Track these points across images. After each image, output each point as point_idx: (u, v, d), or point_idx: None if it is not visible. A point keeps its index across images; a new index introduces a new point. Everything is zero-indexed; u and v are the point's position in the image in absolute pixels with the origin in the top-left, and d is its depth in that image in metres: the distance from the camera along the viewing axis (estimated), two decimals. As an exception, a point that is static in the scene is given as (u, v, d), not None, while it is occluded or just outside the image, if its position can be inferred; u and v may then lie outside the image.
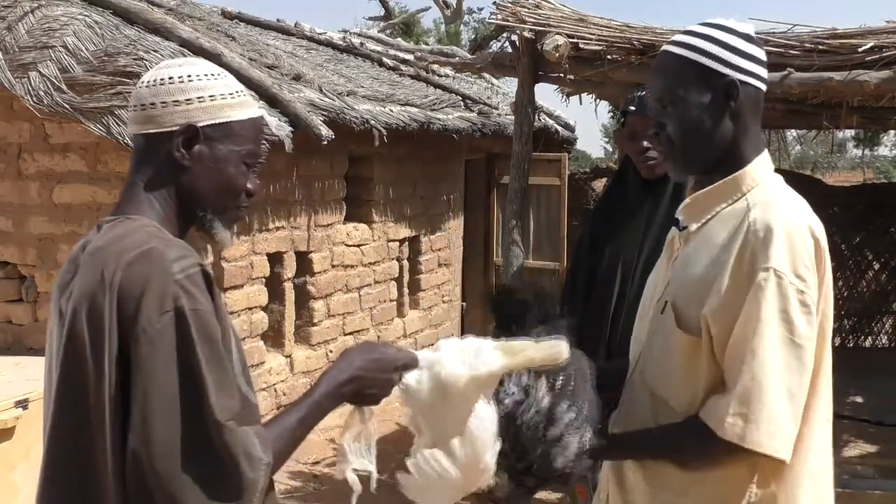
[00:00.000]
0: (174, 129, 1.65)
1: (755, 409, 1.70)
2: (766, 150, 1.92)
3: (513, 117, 5.49)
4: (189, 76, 1.68)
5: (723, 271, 1.76)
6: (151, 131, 1.67)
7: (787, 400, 1.72)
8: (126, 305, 1.49)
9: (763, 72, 1.86)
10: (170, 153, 1.66)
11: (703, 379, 1.80)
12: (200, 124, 1.66)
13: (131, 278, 1.51)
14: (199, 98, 1.67)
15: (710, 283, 1.77)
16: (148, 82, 1.69)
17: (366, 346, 1.79)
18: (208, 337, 1.51)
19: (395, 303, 7.94)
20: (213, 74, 1.70)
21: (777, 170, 1.92)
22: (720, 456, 1.77)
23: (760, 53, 1.86)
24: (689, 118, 1.83)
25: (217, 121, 1.67)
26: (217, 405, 1.48)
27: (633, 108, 3.06)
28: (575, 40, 4.75)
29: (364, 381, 1.72)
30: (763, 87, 1.87)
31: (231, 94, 1.70)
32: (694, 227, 1.89)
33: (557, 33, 4.76)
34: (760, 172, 1.87)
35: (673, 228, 1.99)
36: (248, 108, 1.73)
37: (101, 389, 1.50)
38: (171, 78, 1.67)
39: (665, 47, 1.89)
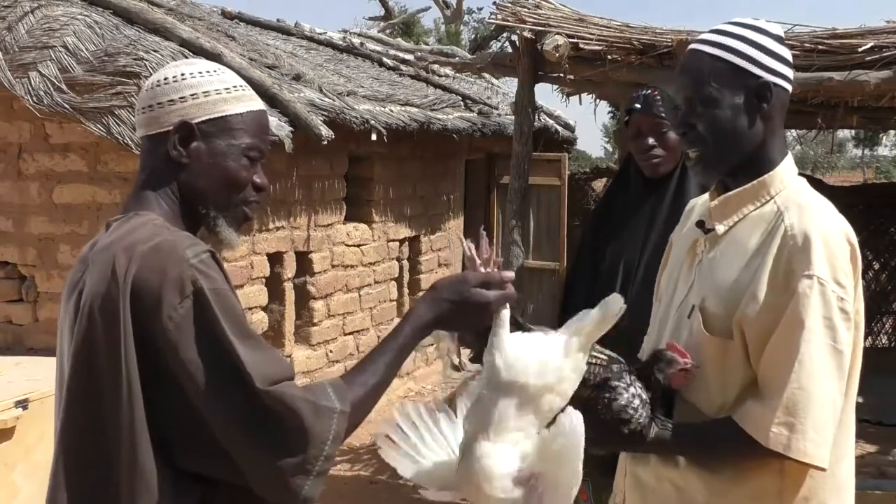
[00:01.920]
0: (171, 128, 1.66)
1: (802, 419, 1.69)
2: (790, 154, 1.91)
3: (513, 117, 5.49)
4: (183, 75, 1.68)
5: (759, 276, 1.74)
6: (153, 132, 1.68)
7: (830, 408, 1.71)
8: (144, 298, 1.49)
9: (791, 73, 1.85)
10: (168, 152, 1.67)
11: (736, 382, 1.78)
12: (195, 121, 1.66)
13: (146, 271, 1.51)
14: (192, 95, 1.67)
15: (744, 287, 1.76)
16: (148, 85, 1.71)
17: (457, 281, 1.69)
18: (232, 313, 1.52)
19: (395, 303, 7.94)
20: (208, 71, 1.70)
21: None
22: (753, 461, 1.76)
23: (789, 55, 1.85)
24: (722, 118, 1.81)
25: (212, 116, 1.67)
26: (255, 373, 1.47)
27: (638, 106, 3.05)
28: (575, 40, 4.75)
29: (451, 322, 1.69)
30: (790, 88, 1.86)
31: (227, 88, 1.69)
32: (721, 229, 1.87)
33: (557, 33, 4.75)
34: (787, 175, 1.86)
35: (695, 230, 1.95)
36: (247, 101, 1.71)
37: (119, 385, 1.49)
38: (166, 79, 1.68)
39: (695, 46, 1.86)
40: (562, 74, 5.06)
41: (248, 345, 1.50)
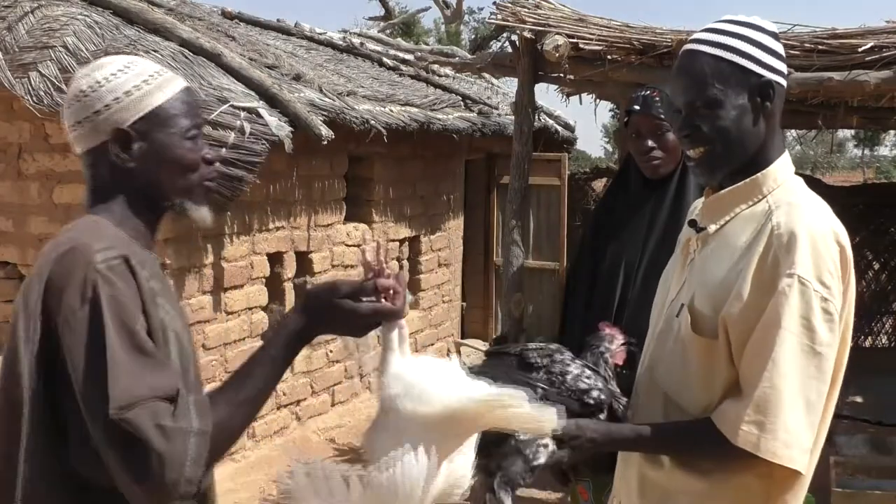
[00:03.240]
0: (106, 138, 1.66)
1: (772, 418, 1.67)
2: (787, 150, 1.89)
3: (513, 117, 5.49)
4: (98, 82, 1.67)
5: (744, 274, 1.73)
6: (90, 146, 1.69)
7: (804, 409, 1.69)
8: (52, 297, 1.52)
9: (786, 69, 1.85)
10: (111, 161, 1.67)
11: (720, 382, 1.77)
12: (127, 124, 1.66)
13: (58, 271, 1.53)
14: (115, 100, 1.66)
15: (730, 286, 1.75)
16: (68, 102, 1.70)
17: (327, 289, 1.65)
18: (123, 322, 1.49)
19: (395, 303, 7.93)
20: (120, 70, 1.69)
21: None
22: (733, 461, 1.74)
23: (783, 50, 1.85)
24: (727, 120, 1.79)
25: (142, 113, 1.67)
26: (116, 396, 1.43)
27: (637, 107, 3.04)
28: (575, 40, 4.76)
29: (324, 331, 1.64)
30: (786, 84, 1.86)
31: (145, 80, 1.68)
32: (713, 228, 1.86)
33: (557, 33, 4.76)
34: (782, 173, 1.84)
35: (688, 229, 1.94)
36: (169, 86, 1.71)
37: (25, 378, 1.52)
38: (83, 91, 1.68)
39: (693, 47, 1.83)
40: (562, 74, 5.07)
41: (131, 355, 1.47)
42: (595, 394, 1.81)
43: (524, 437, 1.72)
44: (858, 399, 7.83)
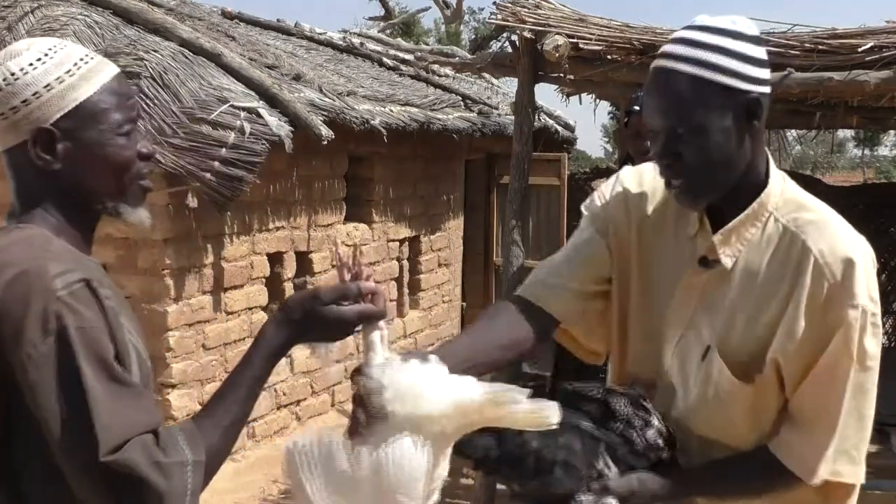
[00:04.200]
0: (26, 137, 1.46)
1: (853, 450, 1.65)
2: (768, 152, 1.73)
3: (513, 117, 5.49)
4: (13, 74, 1.45)
5: (792, 310, 1.62)
6: (9, 146, 1.49)
7: (859, 425, 1.67)
8: (6, 328, 1.35)
9: (769, 74, 1.66)
10: (35, 164, 1.47)
11: (769, 414, 1.70)
12: (49, 122, 1.45)
13: (10, 299, 1.35)
14: (34, 94, 1.44)
15: (770, 323, 1.63)
16: None
17: (308, 297, 1.55)
18: (97, 355, 1.35)
19: (395, 303, 7.94)
20: (38, 59, 1.46)
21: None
22: (795, 488, 1.69)
23: (765, 54, 1.65)
24: (712, 146, 1.60)
25: (65, 109, 1.46)
26: (104, 436, 1.32)
27: (637, 107, 3.05)
28: (575, 40, 4.75)
29: (306, 341, 1.57)
30: (770, 90, 1.67)
31: (68, 71, 1.47)
32: (729, 263, 1.69)
33: (557, 33, 4.75)
34: (777, 184, 1.70)
35: (689, 262, 1.74)
36: (96, 76, 1.50)
37: None
38: None
39: (670, 65, 1.61)
40: (562, 74, 5.06)
41: (110, 390, 1.34)
42: (667, 451, 1.69)
43: (586, 497, 1.62)
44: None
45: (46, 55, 1.47)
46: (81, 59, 1.49)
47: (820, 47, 4.52)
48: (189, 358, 5.41)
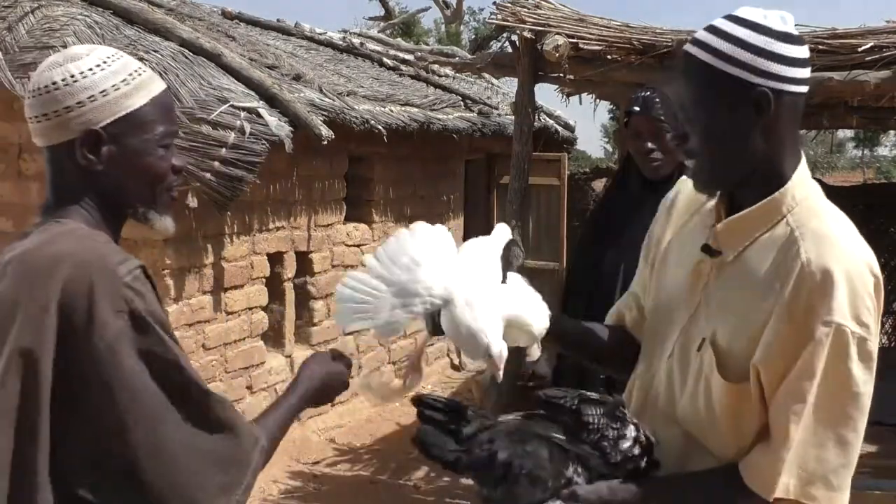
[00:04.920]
0: (75, 137, 1.54)
1: (806, 468, 1.58)
2: (804, 159, 1.70)
3: (513, 117, 5.49)
4: (73, 76, 1.53)
5: (775, 319, 1.58)
6: (54, 143, 1.57)
7: (839, 450, 1.59)
8: (71, 316, 1.40)
9: (805, 73, 1.62)
10: (77, 162, 1.55)
11: (751, 426, 1.65)
12: (100, 125, 1.54)
13: (75, 290, 1.41)
14: (90, 98, 1.53)
15: (757, 326, 1.60)
16: (35, 91, 1.56)
17: (320, 357, 1.88)
18: (169, 333, 1.48)
19: (395, 303, 7.93)
20: (98, 65, 1.55)
21: None
22: None
23: (802, 52, 1.61)
24: (713, 134, 1.63)
25: (117, 115, 1.54)
26: (207, 387, 1.50)
27: (637, 108, 3.04)
28: (575, 40, 4.76)
29: (329, 389, 1.86)
30: (805, 89, 1.63)
31: (124, 80, 1.55)
32: (731, 256, 1.68)
33: (557, 33, 4.76)
34: (801, 189, 1.65)
35: (697, 247, 1.76)
36: (148, 88, 1.58)
37: (38, 402, 1.40)
38: (55, 83, 1.54)
39: (689, 49, 1.64)
40: (562, 74, 5.07)
41: (189, 364, 1.50)
42: (645, 460, 1.68)
43: None
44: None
45: (105, 62, 1.56)
46: (136, 71, 1.58)
47: (820, 47, 4.53)
48: (189, 358, 5.41)
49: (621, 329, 2.05)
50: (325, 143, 5.88)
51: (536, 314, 1.80)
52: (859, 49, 4.42)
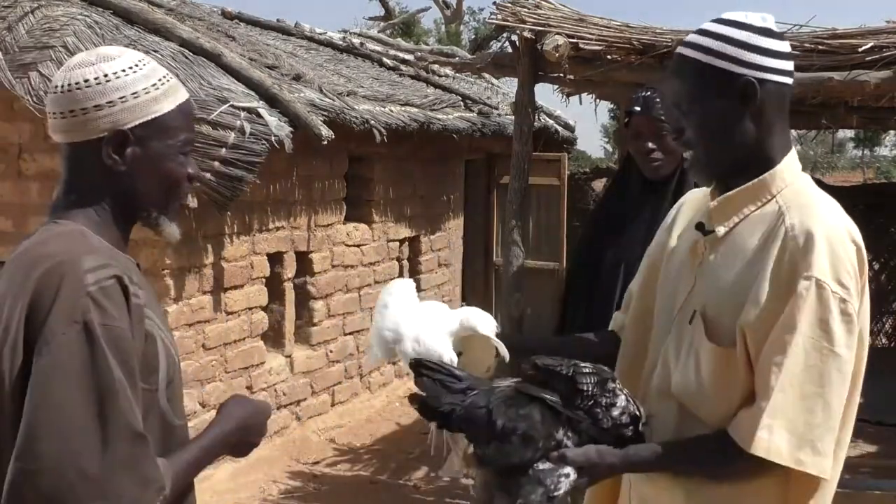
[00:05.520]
0: (101, 136, 1.56)
1: (784, 422, 1.63)
2: (794, 149, 1.84)
3: (513, 117, 5.49)
4: (106, 75, 1.56)
5: (760, 280, 1.69)
6: (77, 140, 1.58)
7: (821, 412, 1.65)
8: (35, 316, 1.42)
9: (787, 65, 1.77)
10: (101, 161, 1.57)
11: (738, 392, 1.72)
12: (128, 126, 1.56)
13: (42, 289, 1.43)
14: (121, 98, 1.55)
15: (745, 291, 1.70)
16: (63, 87, 1.57)
17: (240, 399, 1.77)
18: (120, 354, 1.42)
19: (395, 303, 7.92)
20: (130, 68, 1.58)
21: None
22: (750, 471, 1.70)
23: (782, 46, 1.77)
24: (706, 122, 1.77)
25: (145, 118, 1.57)
26: (133, 421, 1.41)
27: (637, 108, 3.04)
28: (575, 40, 4.75)
29: (249, 429, 1.71)
30: (788, 80, 1.78)
31: (154, 85, 1.59)
32: (721, 231, 1.81)
33: (557, 33, 4.75)
34: (790, 173, 1.79)
35: (695, 231, 1.88)
36: (175, 95, 1.62)
37: (6, 403, 1.43)
38: (86, 81, 1.55)
39: (680, 50, 1.82)
40: (562, 74, 5.06)
41: (130, 392, 1.42)
42: (631, 429, 1.73)
43: (544, 466, 1.68)
44: (859, 399, 7.84)
45: (137, 66, 1.59)
46: (165, 77, 1.61)
47: (820, 47, 4.53)
48: (189, 358, 5.41)
49: (613, 333, 2.18)
50: (325, 143, 5.88)
51: (479, 321, 2.08)
52: (859, 49, 4.41)
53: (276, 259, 6.29)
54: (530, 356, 1.81)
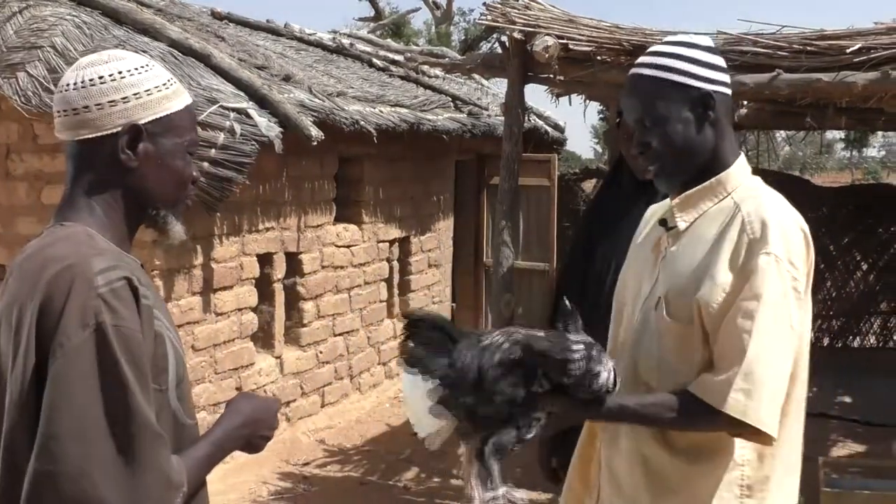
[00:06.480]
0: (115, 130, 1.58)
1: (759, 387, 1.78)
2: (742, 153, 2.04)
3: (502, 118, 5.49)
4: (120, 73, 1.59)
5: (717, 260, 1.86)
6: (89, 136, 1.59)
7: (782, 382, 1.82)
8: (47, 319, 1.43)
9: (728, 78, 1.99)
10: (113, 156, 1.59)
11: (696, 364, 1.87)
12: (142, 122, 1.59)
13: (53, 292, 1.44)
14: (135, 94, 1.59)
15: (703, 272, 1.87)
16: (76, 83, 1.59)
17: (247, 395, 1.80)
18: (133, 355, 1.44)
19: (384, 304, 7.93)
20: (142, 67, 1.62)
21: (764, 170, 1.96)
22: (711, 427, 1.85)
23: (723, 62, 1.99)
24: (673, 132, 1.92)
25: (158, 115, 1.61)
26: (151, 420, 1.43)
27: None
28: (564, 41, 4.76)
29: (258, 423, 1.74)
30: (730, 92, 1.99)
31: (164, 84, 1.63)
32: (683, 225, 1.97)
33: (547, 34, 4.76)
34: (741, 174, 1.98)
35: (658, 228, 2.04)
36: (182, 95, 1.67)
37: (21, 406, 1.44)
38: (101, 77, 1.58)
39: (637, 71, 1.98)
40: (551, 75, 5.07)
41: (144, 393, 1.44)
42: (602, 379, 1.81)
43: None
44: (847, 399, 7.87)
45: (146, 66, 1.63)
46: (170, 79, 1.66)
47: (808, 48, 4.54)
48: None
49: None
50: (315, 143, 5.87)
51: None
52: (847, 50, 4.43)
53: (265, 260, 6.28)
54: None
